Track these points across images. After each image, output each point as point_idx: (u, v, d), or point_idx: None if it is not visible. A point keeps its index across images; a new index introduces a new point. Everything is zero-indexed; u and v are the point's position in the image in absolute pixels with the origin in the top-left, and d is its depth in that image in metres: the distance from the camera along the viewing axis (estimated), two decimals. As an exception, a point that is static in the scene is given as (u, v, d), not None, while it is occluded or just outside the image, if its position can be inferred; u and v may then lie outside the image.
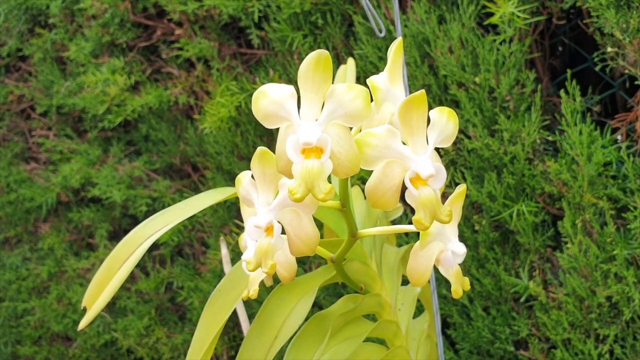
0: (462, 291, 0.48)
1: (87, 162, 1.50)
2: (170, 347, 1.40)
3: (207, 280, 1.33)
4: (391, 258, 0.65)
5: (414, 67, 1.00)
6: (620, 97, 0.98)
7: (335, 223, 0.64)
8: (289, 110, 0.36)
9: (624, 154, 0.82)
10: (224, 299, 0.53)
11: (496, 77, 0.92)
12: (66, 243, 1.61)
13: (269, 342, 0.51)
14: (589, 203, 0.85)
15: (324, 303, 1.16)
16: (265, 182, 0.42)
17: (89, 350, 1.53)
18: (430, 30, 0.97)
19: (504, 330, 0.94)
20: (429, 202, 0.37)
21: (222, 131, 1.25)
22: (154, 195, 1.42)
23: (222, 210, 1.32)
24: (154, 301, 1.46)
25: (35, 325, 1.60)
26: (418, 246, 0.47)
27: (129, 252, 0.58)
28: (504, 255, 0.96)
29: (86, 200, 1.58)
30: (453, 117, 0.39)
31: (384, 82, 0.42)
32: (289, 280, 0.48)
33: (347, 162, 0.36)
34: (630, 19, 0.78)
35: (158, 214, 0.61)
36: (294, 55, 1.15)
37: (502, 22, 0.89)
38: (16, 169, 1.64)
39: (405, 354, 0.62)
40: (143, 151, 1.50)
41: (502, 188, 0.92)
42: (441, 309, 1.00)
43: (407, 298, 0.65)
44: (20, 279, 1.63)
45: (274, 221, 0.41)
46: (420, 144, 0.38)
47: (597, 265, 0.84)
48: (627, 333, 0.85)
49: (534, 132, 0.90)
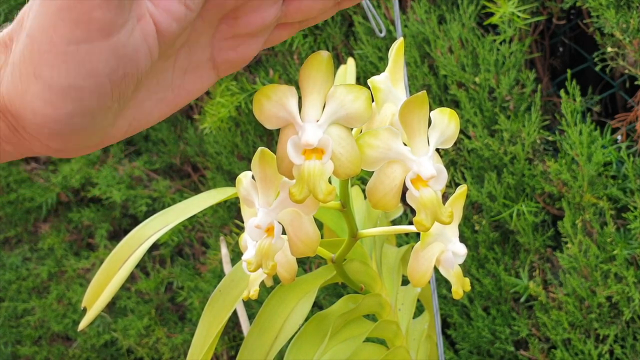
0: (462, 292, 0.48)
1: (87, 162, 1.50)
2: (170, 347, 1.40)
3: (207, 280, 1.33)
4: (391, 258, 0.65)
5: (414, 67, 1.00)
6: (620, 97, 0.98)
7: (335, 223, 0.64)
8: (290, 111, 0.36)
9: (624, 154, 0.82)
10: (224, 299, 0.54)
11: (496, 77, 0.92)
12: (66, 243, 1.61)
13: (269, 343, 0.51)
14: (589, 203, 0.85)
15: (324, 303, 1.16)
16: (265, 182, 0.42)
17: (89, 350, 1.53)
18: (430, 30, 0.97)
19: (504, 330, 0.94)
20: (430, 203, 0.37)
21: (222, 131, 1.25)
22: (154, 195, 1.42)
23: (222, 210, 1.32)
24: (154, 301, 1.46)
25: (35, 325, 1.60)
26: (419, 247, 0.47)
27: (129, 252, 0.58)
28: (504, 255, 0.96)
29: (86, 200, 1.58)
30: (454, 118, 0.39)
31: (385, 82, 0.42)
32: (290, 280, 0.48)
33: (348, 163, 0.36)
34: (630, 19, 0.78)
35: (158, 214, 0.61)
36: (294, 55, 1.15)
37: (502, 22, 0.89)
38: (16, 169, 1.64)
39: (405, 354, 0.62)
40: (143, 151, 1.50)
41: (502, 188, 0.92)
42: (441, 309, 1.01)
43: (407, 298, 0.65)
44: (20, 279, 1.63)
45: (274, 222, 0.41)
46: (421, 145, 0.38)
47: (597, 265, 0.84)
48: (627, 333, 0.85)
49: (534, 132, 0.90)
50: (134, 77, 0.31)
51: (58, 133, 0.31)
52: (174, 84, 0.35)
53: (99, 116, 0.31)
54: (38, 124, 0.30)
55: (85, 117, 0.31)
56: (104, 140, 0.34)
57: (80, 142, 0.32)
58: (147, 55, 0.31)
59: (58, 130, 0.31)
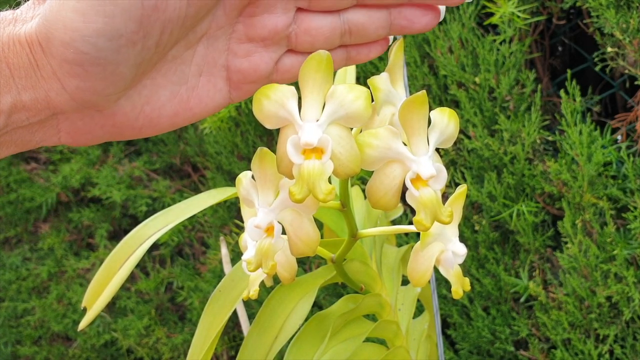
0: (462, 291, 0.48)
1: (87, 162, 1.50)
2: (170, 347, 1.40)
3: (207, 280, 1.33)
4: (391, 258, 0.65)
5: (414, 67, 1.00)
6: (620, 97, 0.98)
7: (335, 223, 0.64)
8: (289, 110, 0.36)
9: (624, 154, 0.82)
10: (224, 299, 0.54)
11: (496, 77, 0.92)
12: (66, 243, 1.61)
13: (269, 343, 0.51)
14: (589, 203, 0.85)
15: (324, 303, 1.16)
16: (265, 182, 0.42)
17: (89, 350, 1.53)
18: (430, 30, 0.97)
19: (504, 330, 0.94)
20: (429, 202, 0.37)
21: (222, 131, 1.25)
22: (154, 195, 1.42)
23: (222, 210, 1.32)
24: (154, 301, 1.46)
25: (35, 325, 1.60)
26: (419, 247, 0.47)
27: (129, 252, 0.58)
28: (504, 255, 0.96)
29: (86, 200, 1.58)
30: (454, 118, 0.39)
31: (385, 82, 0.42)
32: (290, 280, 0.48)
33: (348, 162, 0.36)
34: (630, 19, 0.78)
35: (158, 213, 0.61)
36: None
37: (502, 22, 0.89)
38: (16, 169, 1.64)
39: (405, 354, 0.62)
40: (143, 151, 1.50)
41: (502, 188, 0.92)
42: (441, 309, 1.01)
43: (407, 298, 0.65)
44: (20, 279, 1.63)
45: (274, 222, 0.41)
46: (421, 145, 0.38)
47: (597, 265, 0.84)
48: (627, 333, 0.85)
49: (534, 132, 0.90)
50: (161, 17, 0.32)
51: (81, 58, 0.31)
52: (189, 82, 0.37)
53: (123, 50, 0.32)
54: (66, 42, 0.31)
55: (112, 42, 0.31)
56: (115, 112, 0.35)
57: (98, 84, 0.33)
58: (177, 2, 0.33)
59: (83, 51, 0.31)
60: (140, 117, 0.36)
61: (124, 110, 0.35)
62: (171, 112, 0.37)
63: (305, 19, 0.37)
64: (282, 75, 0.39)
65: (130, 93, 0.35)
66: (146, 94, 0.36)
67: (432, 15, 0.38)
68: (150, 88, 0.36)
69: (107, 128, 0.36)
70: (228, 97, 0.39)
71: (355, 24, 0.38)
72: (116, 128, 0.36)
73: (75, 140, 0.36)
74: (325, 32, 0.38)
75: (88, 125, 0.35)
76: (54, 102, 0.33)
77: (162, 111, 0.36)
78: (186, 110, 0.37)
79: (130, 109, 0.35)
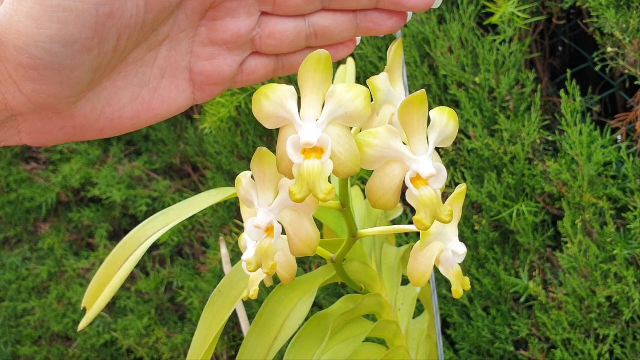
0: (462, 291, 0.48)
1: (87, 162, 1.50)
2: (170, 347, 1.40)
3: (207, 280, 1.33)
4: (391, 258, 0.65)
5: (414, 67, 1.00)
6: (620, 97, 0.98)
7: (335, 223, 0.64)
8: (289, 110, 0.36)
9: (624, 154, 0.82)
10: (224, 299, 0.53)
11: (496, 77, 0.92)
12: (66, 243, 1.61)
13: (269, 343, 0.51)
14: (589, 203, 0.85)
15: (324, 303, 1.16)
16: (265, 182, 0.42)
17: (89, 350, 1.53)
18: (430, 30, 0.97)
19: (504, 330, 0.94)
20: (429, 202, 0.37)
21: (222, 131, 1.25)
22: (154, 195, 1.42)
23: (222, 210, 1.32)
24: (154, 301, 1.46)
25: (35, 325, 1.60)
26: (418, 246, 0.47)
27: (129, 252, 0.58)
28: (504, 255, 0.96)
29: (86, 200, 1.58)
30: (453, 117, 0.39)
31: (384, 82, 0.42)
32: (289, 280, 0.48)
33: (348, 162, 0.36)
34: (630, 19, 0.78)
35: (158, 213, 0.61)
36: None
37: (502, 22, 0.89)
38: (16, 169, 1.64)
39: (405, 354, 0.62)
40: (143, 151, 1.50)
41: (502, 188, 0.92)
42: (441, 309, 1.01)
43: (407, 298, 0.65)
44: (20, 279, 1.63)
45: (274, 222, 0.41)
46: (420, 144, 0.38)
47: (597, 265, 0.84)
48: (627, 333, 0.85)
49: (534, 132, 0.90)
50: (117, 24, 0.32)
51: (36, 62, 0.31)
52: (151, 84, 0.36)
53: (79, 55, 0.31)
54: (20, 47, 0.31)
55: (66, 48, 0.31)
56: (75, 114, 0.35)
57: (54, 88, 0.32)
58: (133, 8, 0.32)
59: (37, 56, 0.31)
60: (101, 118, 0.36)
61: (83, 112, 0.35)
62: (132, 114, 0.36)
63: (270, 22, 0.37)
64: (247, 76, 0.39)
65: (90, 95, 0.35)
66: (106, 95, 0.35)
67: (398, 18, 0.38)
68: (110, 90, 0.35)
69: (67, 129, 0.35)
70: (192, 98, 0.38)
71: (321, 27, 0.38)
72: (76, 129, 0.35)
73: (36, 141, 0.35)
74: (290, 36, 0.38)
75: (47, 126, 0.35)
76: (11, 104, 0.33)
77: (123, 112, 0.36)
78: (148, 112, 0.37)
79: (90, 111, 0.35)
